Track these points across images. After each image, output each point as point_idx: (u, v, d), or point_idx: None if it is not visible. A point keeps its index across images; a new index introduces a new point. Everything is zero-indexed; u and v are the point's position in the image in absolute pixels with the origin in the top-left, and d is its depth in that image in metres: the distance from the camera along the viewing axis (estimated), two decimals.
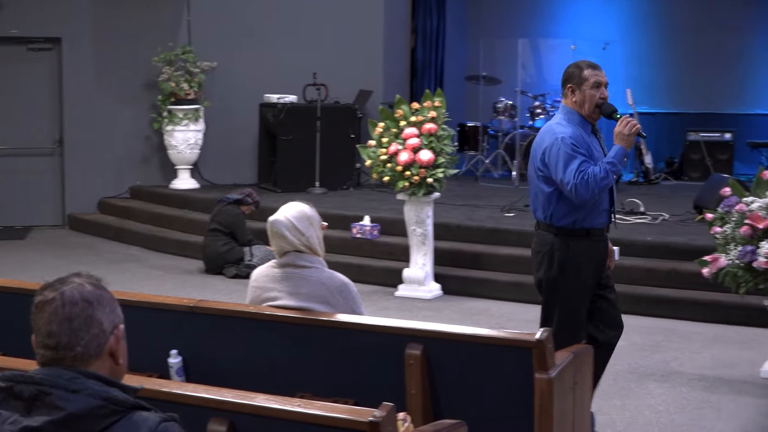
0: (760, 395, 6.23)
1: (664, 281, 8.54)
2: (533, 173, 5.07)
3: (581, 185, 4.78)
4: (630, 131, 4.94)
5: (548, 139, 4.95)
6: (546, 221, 5.01)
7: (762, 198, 6.43)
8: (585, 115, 5.01)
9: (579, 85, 4.98)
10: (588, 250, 5.00)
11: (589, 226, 4.98)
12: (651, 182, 13.87)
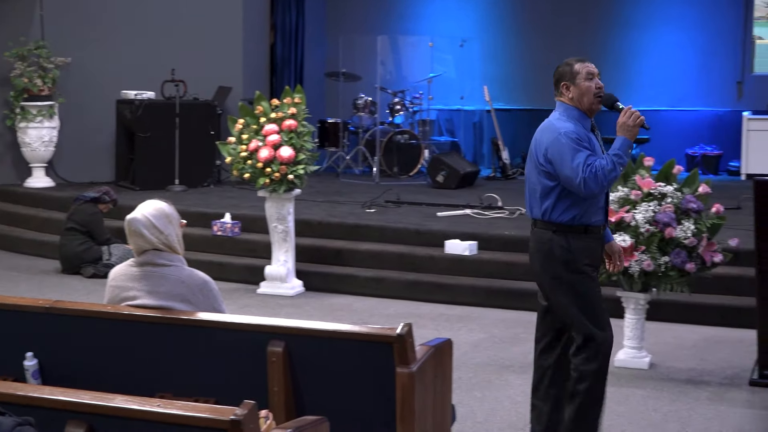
0: (614, 383, 6.41)
1: (522, 274, 8.68)
2: (533, 170, 4.95)
3: (590, 179, 4.71)
4: (635, 122, 4.88)
5: (550, 134, 4.90)
6: (545, 218, 4.90)
7: (614, 192, 6.62)
8: (585, 109, 4.96)
9: (573, 79, 4.96)
10: (586, 247, 4.92)
11: (587, 222, 4.90)
12: (508, 177, 14.12)
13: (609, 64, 15.18)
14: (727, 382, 6.47)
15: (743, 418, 5.78)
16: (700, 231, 6.44)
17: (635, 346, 6.77)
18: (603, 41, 15.27)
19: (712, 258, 6.53)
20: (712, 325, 7.78)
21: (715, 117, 14.84)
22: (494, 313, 8.23)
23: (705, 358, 7.03)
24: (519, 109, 15.58)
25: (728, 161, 14.42)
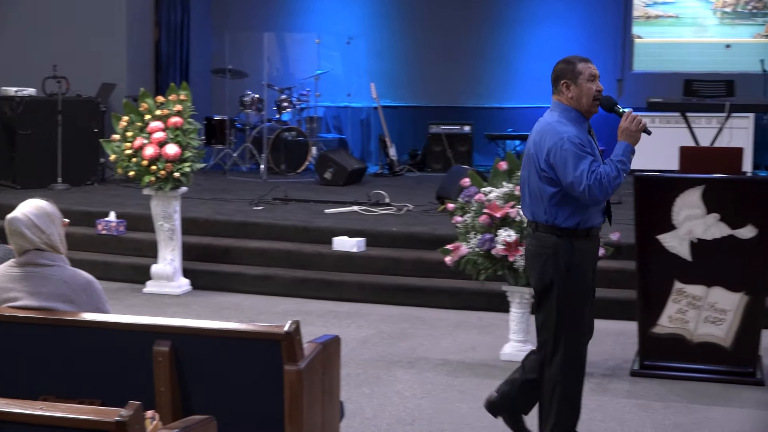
0: (500, 377, 6.49)
1: (409, 270, 8.77)
2: (533, 174, 4.81)
3: (595, 186, 4.60)
4: (637, 127, 4.80)
5: (551, 138, 4.73)
6: (548, 223, 4.78)
7: (499, 188, 6.72)
8: (583, 110, 4.85)
9: (574, 79, 4.83)
10: (589, 250, 4.88)
11: (590, 226, 4.84)
12: (396, 174, 14.22)
13: (493, 61, 15.42)
14: (610, 373, 6.62)
15: (624, 408, 5.92)
16: None
17: (521, 340, 6.87)
18: (487, 38, 15.47)
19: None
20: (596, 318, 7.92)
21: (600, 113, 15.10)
22: (382, 309, 8.27)
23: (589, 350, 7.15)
24: (406, 106, 15.69)
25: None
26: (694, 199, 6.33)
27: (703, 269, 6.36)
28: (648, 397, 6.15)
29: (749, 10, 14.96)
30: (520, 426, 5.25)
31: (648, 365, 6.56)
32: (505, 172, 6.82)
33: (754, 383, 6.35)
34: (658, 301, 6.47)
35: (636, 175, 6.52)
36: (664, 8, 15.18)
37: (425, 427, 5.56)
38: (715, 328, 6.41)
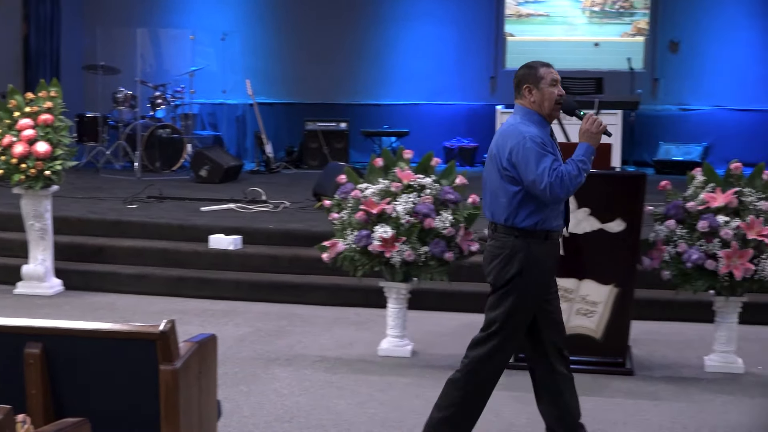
0: (378, 372, 6.55)
1: (286, 267, 8.75)
2: (495, 174, 4.88)
3: (556, 184, 4.67)
4: (597, 129, 4.86)
5: (514, 138, 4.79)
6: (507, 223, 4.85)
7: (375, 184, 6.76)
8: (545, 114, 4.91)
9: (536, 83, 4.90)
10: (547, 253, 4.90)
11: (549, 228, 4.86)
12: (272, 171, 14.17)
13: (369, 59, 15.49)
14: None
15: (500, 401, 6.00)
16: (457, 221, 6.65)
17: (398, 335, 6.93)
18: (363, 36, 15.53)
19: (469, 247, 6.76)
20: (470, 312, 8.04)
21: (470, 111, 15.35)
22: (259, 307, 8.24)
23: (464, 344, 7.20)
24: (282, 102, 15.66)
25: (484, 153, 14.89)
26: None
27: (575, 263, 6.50)
28: (523, 389, 6.23)
29: (617, 10, 15.34)
30: None
31: (522, 358, 6.65)
32: (381, 169, 6.86)
33: (623, 373, 6.52)
34: None
35: None
36: (535, 7, 15.46)
37: (303, 424, 5.56)
38: (587, 320, 6.56)
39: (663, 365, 6.78)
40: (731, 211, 6.37)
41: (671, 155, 14.40)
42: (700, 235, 6.36)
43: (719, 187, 6.47)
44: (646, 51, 15.14)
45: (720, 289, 6.49)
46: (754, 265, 6.28)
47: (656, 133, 14.80)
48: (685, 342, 7.34)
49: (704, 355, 6.76)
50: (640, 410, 5.86)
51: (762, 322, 7.66)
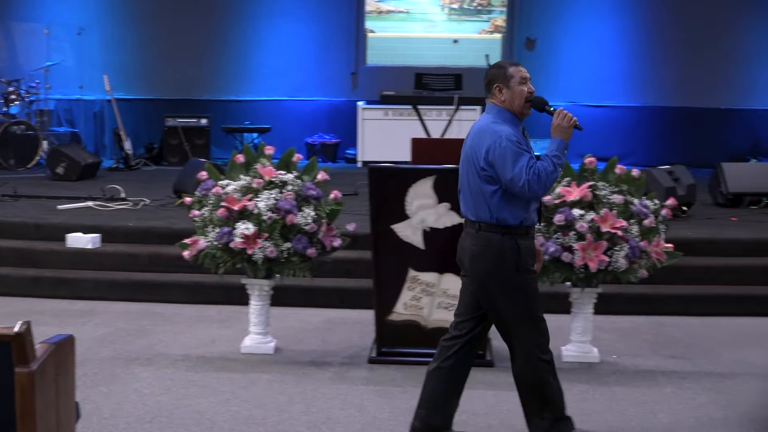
0: (240, 370, 6.52)
1: (146, 266, 8.63)
2: (473, 175, 4.97)
3: (534, 181, 4.79)
4: (568, 123, 4.98)
5: (490, 138, 4.89)
6: (492, 221, 4.93)
7: (237, 181, 6.71)
8: (516, 112, 5.01)
9: (506, 82, 5.00)
10: (529, 247, 5.02)
11: (529, 224, 5.01)
12: (131, 168, 13.95)
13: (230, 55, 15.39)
14: (348, 361, 6.75)
15: (363, 395, 6.06)
16: (320, 217, 6.66)
17: (261, 332, 6.90)
18: (223, 32, 15.42)
19: (332, 243, 6.78)
20: (333, 308, 8.09)
21: (332, 106, 15.38)
22: (119, 306, 8.10)
23: (327, 339, 7.29)
24: (140, 98, 15.42)
25: (345, 149, 15.00)
26: (426, 189, 6.54)
27: (436, 257, 6.58)
28: (385, 383, 6.32)
29: (474, 7, 15.57)
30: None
31: (385, 352, 6.73)
32: (242, 165, 6.82)
33: (484, 365, 6.62)
34: (393, 289, 6.64)
35: (370, 167, 6.67)
36: (395, 3, 15.58)
37: (165, 424, 5.50)
38: (448, 313, 6.63)
39: None
40: (586, 204, 6.53)
41: None
42: (556, 228, 6.51)
43: (574, 181, 6.64)
44: (504, 48, 15.42)
45: (576, 281, 6.65)
46: (608, 257, 6.46)
47: None
48: None
49: (561, 346, 6.91)
50: (500, 401, 5.97)
51: (616, 312, 7.90)
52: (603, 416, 5.74)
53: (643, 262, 6.59)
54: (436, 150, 6.77)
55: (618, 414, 5.60)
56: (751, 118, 15.06)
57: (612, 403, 5.86)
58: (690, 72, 14.77)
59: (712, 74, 14.90)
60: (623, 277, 6.58)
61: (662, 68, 14.87)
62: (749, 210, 10.72)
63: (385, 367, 6.62)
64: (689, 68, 14.79)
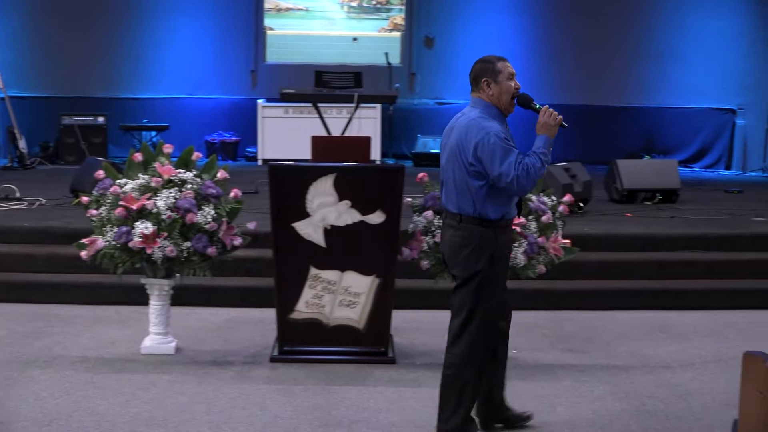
0: (141, 371, 6.44)
1: (42, 266, 8.47)
2: (460, 169, 5.03)
3: (523, 176, 4.87)
4: (555, 121, 5.04)
5: (478, 133, 4.96)
6: (474, 214, 5.02)
7: (135, 180, 6.63)
8: (502, 108, 5.09)
9: (494, 77, 5.09)
10: (507, 240, 5.19)
11: (509, 218, 5.13)
12: (26, 167, 13.69)
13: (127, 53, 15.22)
14: (250, 360, 6.72)
15: (265, 394, 6.04)
16: (220, 216, 6.62)
17: (161, 332, 6.82)
18: (120, 30, 15.25)
19: (232, 241, 6.74)
20: (234, 307, 8.04)
21: (231, 104, 15.29)
22: (14, 308, 7.93)
23: (228, 339, 7.25)
24: (35, 96, 15.14)
25: (246, 147, 14.93)
26: (326, 187, 6.55)
27: (337, 255, 6.60)
28: (287, 381, 6.31)
29: (374, 5, 15.62)
30: (510, 414, 5.51)
31: (287, 350, 6.72)
32: (140, 164, 6.74)
33: (386, 362, 6.66)
34: (294, 288, 6.64)
35: (270, 165, 6.66)
36: (294, 1, 15.54)
37: (64, 427, 5.41)
38: (350, 311, 6.67)
39: (424, 353, 6.97)
40: None
41: (429, 148, 14.80)
42: None
43: None
44: (403, 46, 15.50)
45: None
46: None
47: (414, 127, 15.18)
48: (444, 329, 7.45)
49: None
50: (402, 397, 6.01)
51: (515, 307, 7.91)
52: None
53: (541, 258, 6.69)
54: (337, 148, 6.78)
55: (518, 408, 5.67)
56: (644, 115, 15.40)
57: (512, 397, 5.93)
58: (586, 70, 15.03)
59: (607, 73, 15.19)
60: (522, 273, 6.67)
61: (559, 66, 15.10)
62: (643, 206, 10.96)
63: (287, 365, 6.61)
64: (586, 67, 15.05)
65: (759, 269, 8.84)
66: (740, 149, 15.49)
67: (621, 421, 5.68)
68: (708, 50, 15.29)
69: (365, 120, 11.74)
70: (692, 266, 8.75)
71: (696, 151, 15.53)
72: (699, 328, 7.75)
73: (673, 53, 15.37)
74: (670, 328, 7.73)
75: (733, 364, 5.97)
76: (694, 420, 5.71)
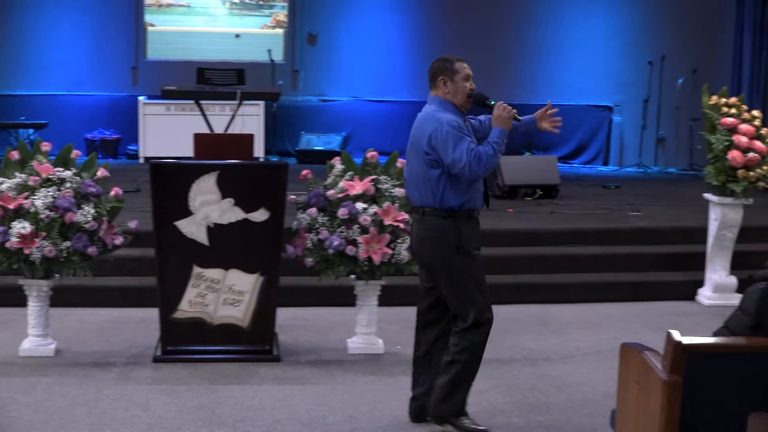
0: (19, 374, 6.31)
1: None
2: (419, 161, 5.23)
3: (474, 162, 5.05)
4: (508, 114, 5.26)
5: (432, 124, 5.18)
6: (436, 205, 5.20)
7: (12, 179, 6.49)
8: (458, 105, 5.29)
9: (451, 76, 5.30)
10: (472, 230, 5.29)
11: (471, 207, 5.26)
12: None
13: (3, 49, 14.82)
14: (133, 361, 6.63)
15: (148, 395, 5.97)
16: (100, 215, 6.51)
17: (40, 334, 6.69)
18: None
19: (114, 241, 6.64)
20: (116, 307, 7.92)
21: (112, 102, 15.03)
22: None
23: (110, 339, 7.14)
24: None
25: (127, 145, 14.69)
26: (209, 184, 6.50)
27: (221, 253, 6.55)
28: (171, 381, 6.24)
29: (256, 2, 15.54)
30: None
31: (170, 350, 6.65)
32: (17, 162, 6.59)
33: (271, 360, 6.65)
34: (177, 287, 6.57)
35: (151, 163, 6.58)
36: None
37: None
38: (234, 309, 6.63)
39: (309, 350, 6.98)
40: (369, 198, 6.65)
41: (312, 145, 14.79)
42: (340, 222, 6.59)
43: (357, 175, 6.74)
44: (286, 43, 15.45)
45: (360, 274, 6.76)
46: (391, 250, 6.59)
47: (298, 124, 15.15)
48: (329, 326, 7.58)
49: (347, 338, 7.02)
50: (287, 395, 6.00)
51: (399, 303, 8.03)
52: (389, 405, 5.85)
53: None
54: (220, 145, 6.73)
55: (403, 403, 5.72)
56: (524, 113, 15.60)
57: (397, 392, 5.98)
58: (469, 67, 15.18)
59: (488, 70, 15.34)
60: (406, 269, 6.73)
61: None
62: (524, 201, 11.14)
63: (170, 365, 6.54)
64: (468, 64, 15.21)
65: (636, 263, 9.07)
66: (617, 145, 15.85)
67: (504, 414, 5.77)
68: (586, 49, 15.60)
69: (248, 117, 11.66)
70: (572, 260, 8.93)
71: (575, 148, 15.83)
72: (578, 320, 7.92)
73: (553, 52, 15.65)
74: (551, 322, 7.88)
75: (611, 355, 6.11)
76: (574, 411, 5.84)
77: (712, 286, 8.56)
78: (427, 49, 15.37)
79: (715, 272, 8.58)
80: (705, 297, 8.60)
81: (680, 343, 3.61)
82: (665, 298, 8.67)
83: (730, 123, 8.25)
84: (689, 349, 3.62)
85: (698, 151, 13.95)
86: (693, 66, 15.14)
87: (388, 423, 5.59)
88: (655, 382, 3.69)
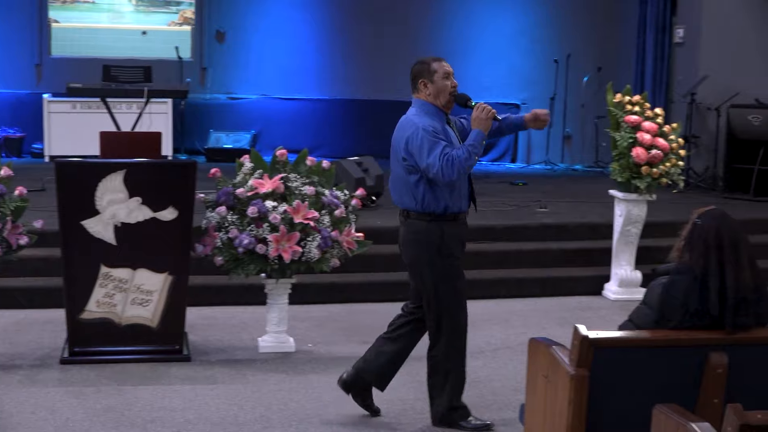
0: None
1: None
2: (398, 165, 5.34)
3: (446, 167, 5.09)
4: (487, 116, 5.24)
5: (408, 129, 5.26)
6: (419, 209, 5.29)
7: None
8: (441, 106, 5.34)
9: (430, 77, 5.32)
10: (457, 233, 5.34)
11: (456, 211, 5.32)
12: None
13: None
14: (39, 363, 6.52)
15: (55, 396, 5.88)
16: (4, 214, 6.39)
17: None
18: None
19: (18, 241, 6.52)
20: (21, 308, 7.77)
21: (15, 99, 14.74)
22: None
23: (15, 341, 7.01)
24: None
25: (31, 143, 14.42)
26: (116, 183, 6.42)
27: (128, 252, 6.49)
28: (79, 383, 6.16)
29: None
30: (369, 402, 5.68)
31: (78, 351, 6.56)
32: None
33: (181, 359, 6.60)
34: (85, 287, 6.48)
35: (57, 162, 6.49)
36: None
37: None
38: (143, 309, 6.57)
39: (219, 349, 6.94)
40: (279, 196, 6.63)
41: (221, 143, 14.69)
42: (250, 221, 6.56)
43: (267, 173, 6.72)
44: (194, 40, 15.31)
45: (270, 272, 6.74)
46: (301, 248, 6.58)
47: (206, 122, 15.02)
48: (239, 325, 7.55)
49: (258, 337, 6.99)
50: (198, 395, 5.96)
51: (310, 301, 8.06)
52: (300, 404, 5.85)
53: (335, 252, 6.77)
54: (127, 144, 6.66)
55: (314, 401, 5.72)
56: None
57: (309, 390, 5.98)
58: (376, 65, 15.19)
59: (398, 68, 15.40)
60: (316, 267, 6.73)
61: (351, 62, 15.23)
62: None
63: (78, 367, 6.45)
64: (376, 62, 15.22)
65: (543, 258, 9.19)
66: (524, 143, 16.02)
67: (415, 410, 5.81)
68: (493, 47, 15.74)
69: (156, 115, 11.53)
70: (480, 256, 9.00)
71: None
72: (488, 316, 7.99)
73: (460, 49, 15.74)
74: None
75: (520, 350, 6.21)
76: (485, 406, 5.90)
77: (618, 280, 8.72)
78: (335, 47, 15.42)
79: (621, 267, 8.74)
80: (611, 291, 8.76)
81: (587, 338, 3.67)
82: (572, 293, 8.81)
83: (633, 120, 8.41)
84: (596, 344, 3.68)
85: (603, 148, 14.18)
86: (598, 64, 15.36)
87: (300, 421, 5.59)
88: (563, 377, 3.74)
